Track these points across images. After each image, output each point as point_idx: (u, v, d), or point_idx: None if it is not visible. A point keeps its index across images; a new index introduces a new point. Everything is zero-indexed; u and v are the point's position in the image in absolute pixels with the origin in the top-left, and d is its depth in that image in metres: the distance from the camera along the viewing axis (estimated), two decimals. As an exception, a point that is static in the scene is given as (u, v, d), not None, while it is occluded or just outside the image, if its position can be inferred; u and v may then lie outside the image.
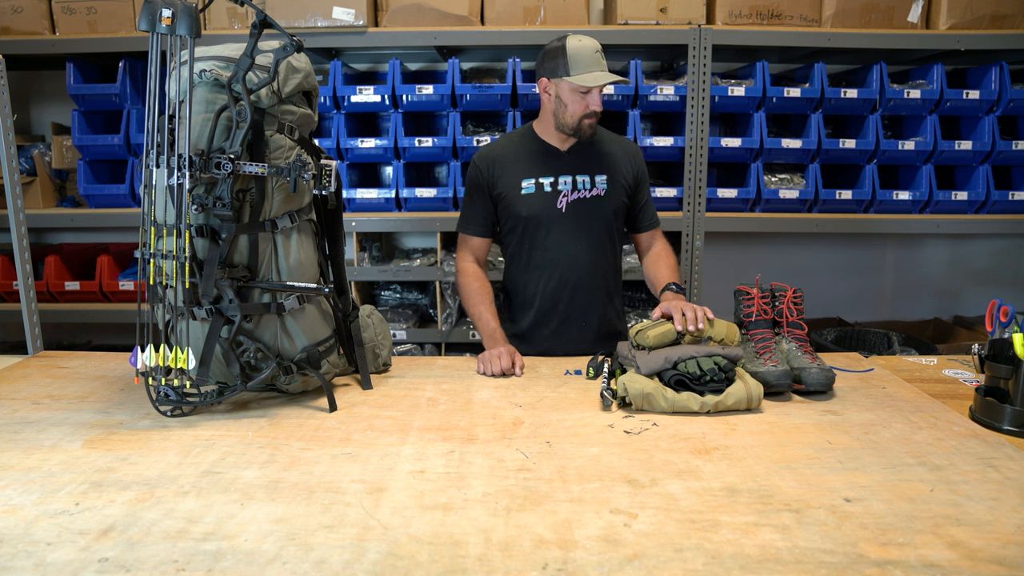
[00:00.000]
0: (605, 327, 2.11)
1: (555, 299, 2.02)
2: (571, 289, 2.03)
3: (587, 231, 2.01)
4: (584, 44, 1.89)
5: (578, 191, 1.98)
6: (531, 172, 2.00)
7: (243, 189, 1.41)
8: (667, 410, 1.46)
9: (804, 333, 1.67)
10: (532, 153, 2.02)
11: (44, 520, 1.03)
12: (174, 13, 1.33)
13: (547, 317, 2.06)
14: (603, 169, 2.01)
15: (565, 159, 2.01)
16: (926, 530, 1.01)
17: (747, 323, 1.68)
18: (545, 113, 2.00)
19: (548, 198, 1.98)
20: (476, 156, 2.06)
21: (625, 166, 2.05)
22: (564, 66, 1.88)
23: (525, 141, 2.04)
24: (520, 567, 0.92)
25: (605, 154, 2.04)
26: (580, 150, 2.02)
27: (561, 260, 2.01)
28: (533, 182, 1.99)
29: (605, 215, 2.02)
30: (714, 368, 1.49)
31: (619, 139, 2.12)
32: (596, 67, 1.89)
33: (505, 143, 2.07)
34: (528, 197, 1.99)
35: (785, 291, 1.69)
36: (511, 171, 2.01)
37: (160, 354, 1.39)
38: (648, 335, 1.59)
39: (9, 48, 2.91)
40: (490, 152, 2.05)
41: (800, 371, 1.57)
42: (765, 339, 1.64)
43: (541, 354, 1.93)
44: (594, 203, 2.00)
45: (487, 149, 2.07)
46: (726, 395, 1.46)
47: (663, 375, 1.52)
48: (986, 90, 2.98)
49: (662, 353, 1.55)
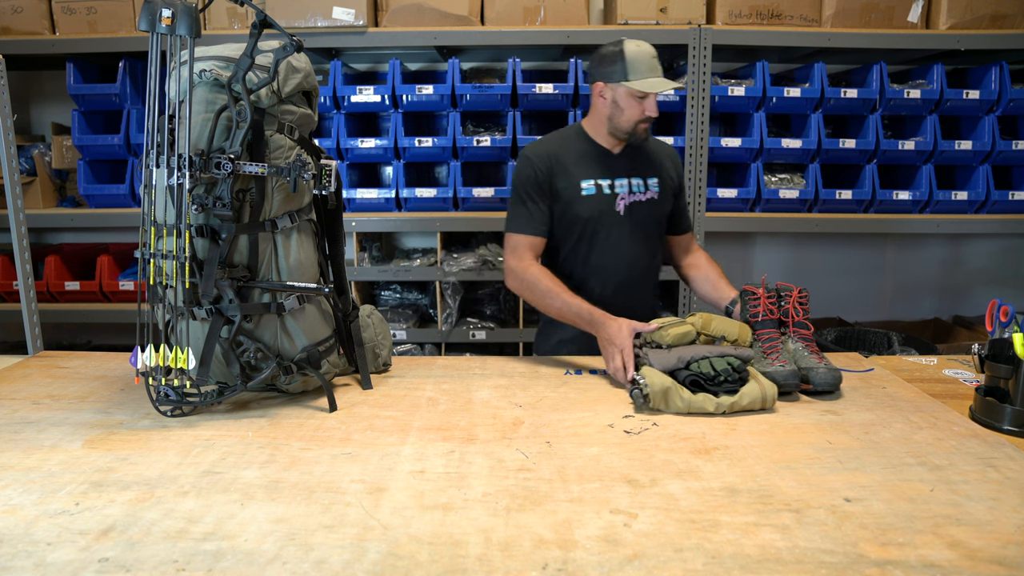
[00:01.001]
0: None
1: (612, 301, 1.93)
2: (627, 291, 2.01)
3: (643, 234, 2.00)
4: (642, 50, 1.87)
5: (634, 194, 1.97)
6: (589, 173, 1.96)
7: (243, 189, 1.41)
8: (683, 410, 1.46)
9: (810, 333, 1.67)
10: (587, 154, 1.98)
11: (44, 520, 1.03)
12: (174, 13, 1.33)
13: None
14: (653, 172, 2.01)
15: (618, 161, 1.99)
16: (926, 530, 1.01)
17: (753, 323, 1.68)
18: (598, 116, 1.96)
19: (607, 200, 1.96)
20: (530, 153, 1.97)
21: (670, 169, 2.05)
22: (622, 71, 1.86)
23: (578, 142, 1.99)
24: (520, 567, 0.92)
25: (652, 157, 2.03)
26: (630, 153, 2.00)
27: (620, 263, 1.99)
28: (593, 183, 1.95)
29: (659, 218, 2.03)
30: (728, 369, 1.49)
31: (659, 142, 2.11)
32: (653, 73, 1.88)
33: (559, 142, 2.00)
34: (589, 199, 1.95)
35: (791, 291, 1.69)
36: (570, 171, 1.95)
37: (160, 354, 1.39)
38: (667, 334, 1.60)
39: (9, 48, 2.91)
40: (545, 150, 1.97)
41: (808, 371, 1.57)
42: (772, 339, 1.64)
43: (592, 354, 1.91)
44: (649, 206, 2.00)
45: (540, 147, 1.98)
46: (741, 396, 1.46)
47: (677, 374, 1.52)
48: (986, 90, 2.98)
49: (675, 352, 1.56)
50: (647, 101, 1.89)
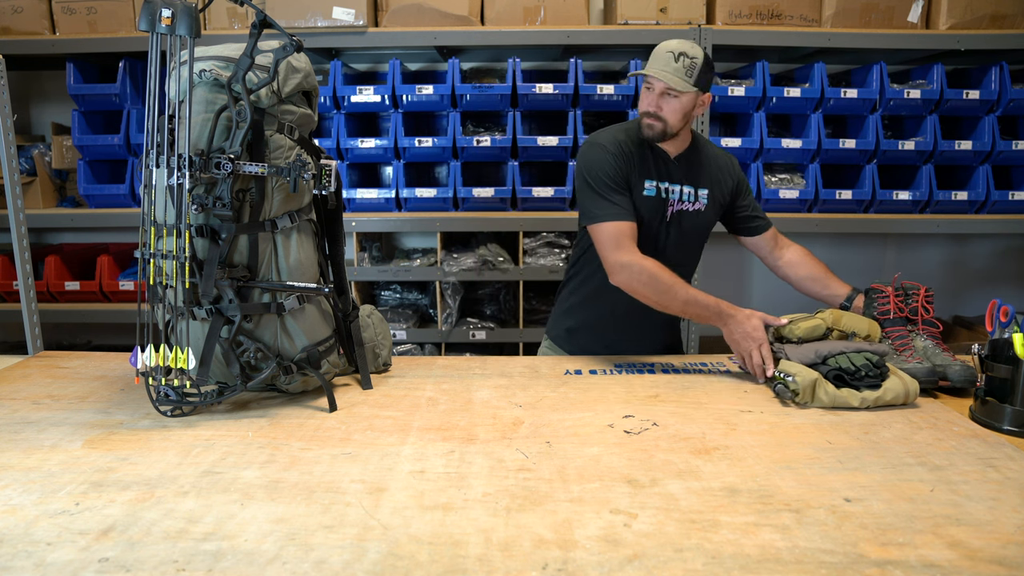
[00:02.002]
0: (672, 336, 2.10)
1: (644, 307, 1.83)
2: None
3: (686, 243, 1.95)
4: (661, 45, 1.79)
5: (683, 202, 1.90)
6: (651, 173, 1.87)
7: (243, 189, 1.41)
8: (827, 404, 1.48)
9: (938, 331, 1.71)
10: (648, 154, 1.88)
11: (44, 520, 1.03)
12: (174, 13, 1.33)
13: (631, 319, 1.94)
14: (706, 183, 1.93)
15: (675, 166, 1.89)
16: (926, 530, 1.01)
17: (882, 321, 1.70)
18: None
19: (661, 204, 1.88)
20: (605, 142, 1.86)
21: (724, 182, 1.96)
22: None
23: (641, 139, 1.88)
24: (520, 567, 0.92)
25: (709, 166, 1.94)
26: (688, 159, 1.91)
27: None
28: (654, 185, 1.87)
29: (701, 230, 1.97)
30: (867, 364, 1.50)
31: (719, 152, 2.01)
32: (657, 63, 1.77)
33: (625, 137, 1.87)
34: (647, 199, 1.86)
35: (918, 290, 1.71)
36: (638, 167, 1.87)
37: (160, 354, 1.39)
38: (797, 328, 1.60)
39: (9, 48, 2.91)
40: (613, 141, 1.86)
41: (944, 367, 1.60)
42: (902, 337, 1.67)
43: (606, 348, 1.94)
44: (694, 217, 1.92)
45: (614, 136, 1.87)
46: (884, 391, 1.48)
47: (816, 369, 1.53)
48: (986, 90, 2.98)
49: (812, 347, 1.57)
50: (647, 95, 1.80)
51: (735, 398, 1.57)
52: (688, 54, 1.75)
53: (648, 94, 1.80)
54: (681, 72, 1.74)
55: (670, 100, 1.78)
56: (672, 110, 1.78)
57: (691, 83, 1.74)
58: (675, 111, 1.78)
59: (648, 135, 1.83)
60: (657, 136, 1.82)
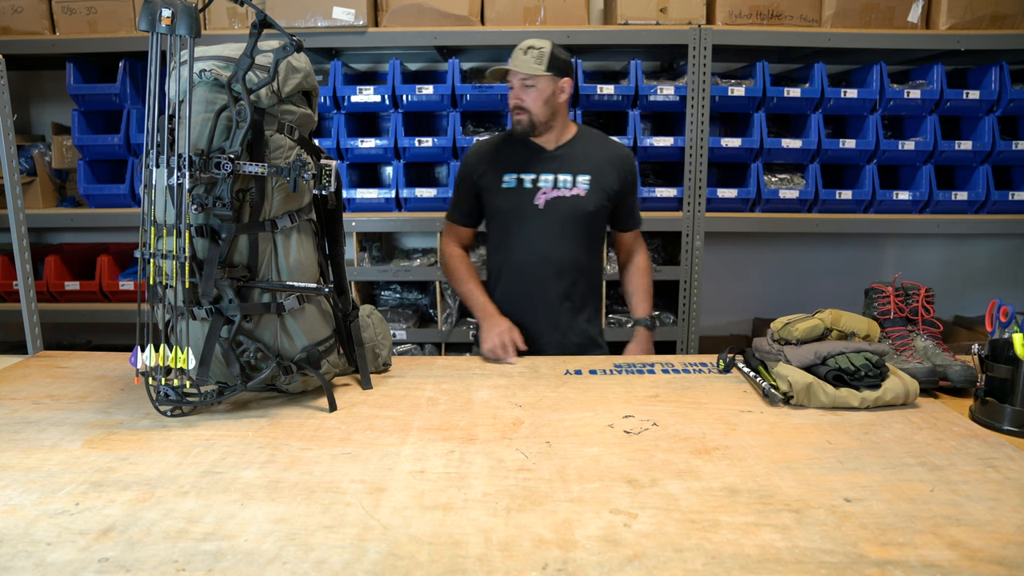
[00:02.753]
0: (574, 330, 2.10)
1: (526, 298, 2.06)
2: (541, 288, 2.05)
3: (561, 230, 2.03)
4: (520, 44, 1.97)
5: (559, 189, 2.02)
6: (514, 168, 2.05)
7: (243, 189, 1.41)
8: (827, 405, 1.48)
9: (938, 332, 1.71)
10: (519, 150, 2.06)
11: (44, 520, 1.03)
12: (174, 13, 1.33)
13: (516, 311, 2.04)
14: (587, 170, 2.04)
15: (550, 158, 2.04)
16: (926, 530, 1.01)
17: (882, 321, 1.71)
18: None
19: (527, 194, 2.02)
20: (473, 148, 2.15)
21: (610, 171, 2.06)
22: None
23: (515, 138, 2.08)
24: (520, 567, 0.92)
25: (591, 156, 2.06)
26: (566, 150, 2.06)
27: (533, 257, 2.04)
28: (515, 177, 2.04)
29: (583, 214, 2.03)
30: (867, 364, 1.50)
31: (611, 143, 2.14)
32: (510, 61, 1.97)
33: (497, 140, 2.13)
34: (507, 192, 2.04)
35: (918, 290, 1.72)
36: (496, 166, 2.06)
37: (160, 354, 1.39)
38: (795, 329, 1.61)
39: (9, 48, 2.91)
40: (480, 147, 2.13)
41: (944, 367, 1.60)
42: (902, 337, 1.67)
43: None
44: (573, 202, 2.03)
45: (479, 144, 2.15)
46: (884, 391, 1.48)
47: (815, 370, 1.54)
48: (986, 90, 2.98)
49: (811, 348, 1.57)
50: (512, 91, 1.98)
51: (735, 398, 1.57)
52: (535, 46, 1.95)
53: (511, 92, 1.99)
54: (531, 62, 1.94)
55: (529, 90, 1.96)
56: (533, 99, 1.96)
57: (543, 68, 1.93)
58: (535, 99, 1.96)
59: (518, 130, 2.02)
60: (526, 128, 2.00)
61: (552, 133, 2.04)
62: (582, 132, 2.10)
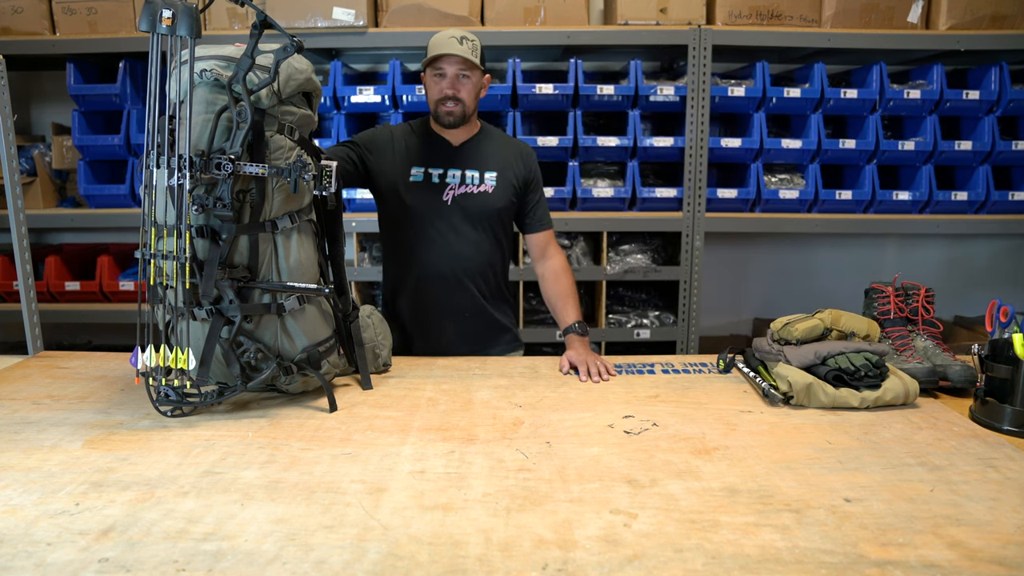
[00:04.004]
0: (487, 326, 2.05)
1: (433, 292, 1.97)
2: (450, 287, 1.97)
3: (471, 226, 1.97)
4: (442, 33, 1.89)
5: (466, 185, 1.96)
6: (422, 161, 1.96)
7: (243, 190, 1.41)
8: (827, 405, 1.48)
9: (938, 332, 1.71)
10: (426, 143, 1.98)
11: (44, 520, 1.03)
12: (174, 13, 1.33)
13: (424, 310, 2.00)
14: (493, 166, 1.98)
15: (456, 153, 1.98)
16: (926, 530, 1.01)
17: (882, 321, 1.71)
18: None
19: (435, 189, 1.95)
20: (380, 126, 2.04)
21: (516, 166, 2.01)
22: (425, 56, 1.89)
23: (422, 130, 2.00)
24: (520, 567, 0.92)
25: (497, 152, 2.01)
26: (472, 145, 1.99)
27: (441, 255, 1.96)
28: (422, 171, 1.96)
29: (489, 211, 1.98)
30: (867, 364, 1.50)
31: (514, 141, 2.09)
32: (446, 48, 1.86)
33: (405, 128, 2.02)
34: (416, 186, 1.95)
35: (918, 290, 1.72)
36: (403, 156, 1.97)
37: (160, 354, 1.39)
38: (795, 329, 1.61)
39: (9, 48, 2.91)
40: (388, 131, 2.01)
41: (944, 367, 1.60)
42: (902, 337, 1.67)
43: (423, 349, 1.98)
44: (481, 198, 1.97)
45: (387, 127, 2.03)
46: (884, 391, 1.48)
47: (815, 370, 1.54)
48: (986, 90, 2.98)
49: (811, 348, 1.57)
50: (444, 81, 1.88)
51: (735, 398, 1.57)
52: (468, 37, 1.88)
53: (440, 80, 1.89)
54: (469, 53, 1.86)
55: (465, 81, 1.88)
56: (468, 91, 1.89)
57: (478, 60, 1.88)
58: (470, 92, 1.90)
59: (449, 121, 1.92)
60: (458, 119, 1.92)
61: (462, 128, 1.97)
62: (486, 129, 2.04)
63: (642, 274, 3.09)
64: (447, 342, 2.00)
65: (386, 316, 1.99)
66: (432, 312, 2.00)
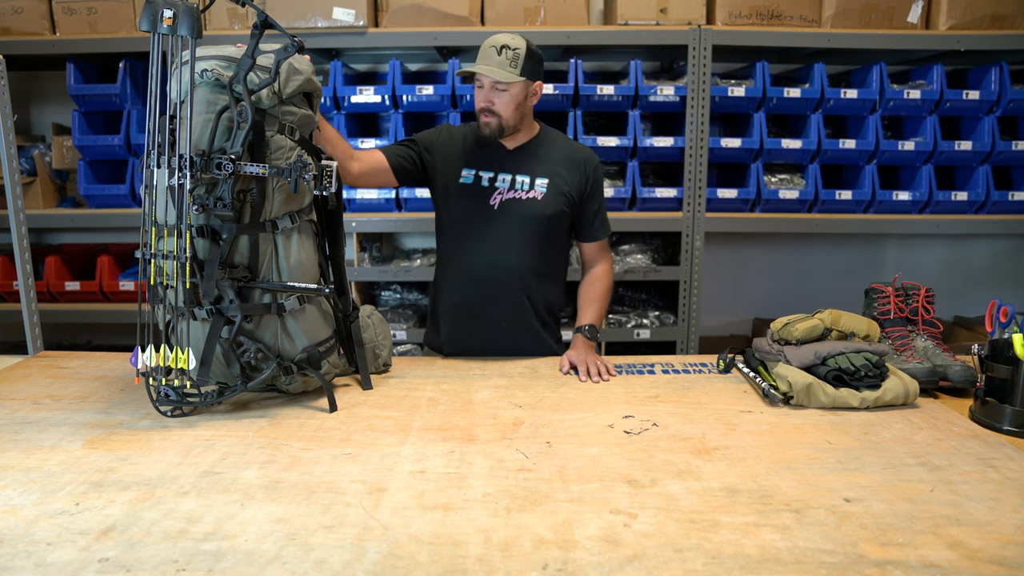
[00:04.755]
0: (527, 335, 1.98)
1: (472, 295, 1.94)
2: (491, 291, 1.93)
3: (516, 232, 1.92)
4: (487, 41, 1.84)
5: (515, 190, 1.92)
6: (474, 163, 1.94)
7: (244, 190, 1.42)
8: (826, 405, 1.48)
9: (938, 332, 1.71)
10: (481, 145, 1.95)
11: (44, 520, 1.03)
12: (175, 13, 1.33)
13: (462, 312, 1.98)
14: (546, 172, 1.94)
15: (510, 157, 1.94)
16: (926, 530, 1.01)
17: (882, 321, 1.71)
18: None
19: (483, 193, 1.92)
20: (441, 125, 2.05)
21: (570, 175, 1.95)
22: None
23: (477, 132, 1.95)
24: (520, 567, 0.92)
25: (553, 158, 1.95)
26: (527, 150, 1.95)
27: (483, 259, 1.93)
28: (473, 173, 1.93)
29: (537, 217, 1.92)
30: (867, 364, 1.51)
31: (575, 147, 2.03)
32: (480, 61, 1.82)
33: (465, 129, 2.01)
34: (465, 188, 1.93)
35: (918, 290, 1.72)
36: (457, 157, 1.95)
37: (160, 354, 1.39)
38: (795, 329, 1.61)
39: (9, 48, 2.91)
40: (450, 131, 2.01)
41: (944, 368, 1.61)
42: (902, 337, 1.67)
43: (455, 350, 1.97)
44: (528, 205, 1.92)
45: (450, 127, 2.04)
46: (884, 391, 1.48)
47: (815, 370, 1.54)
48: (986, 90, 2.98)
49: (811, 348, 1.58)
50: (479, 92, 1.85)
51: (735, 398, 1.57)
52: (510, 46, 1.81)
53: (480, 92, 1.86)
54: (505, 64, 1.80)
55: (500, 93, 1.83)
56: (504, 103, 1.84)
57: (517, 73, 1.80)
58: (507, 104, 1.84)
59: (485, 132, 1.89)
60: (495, 132, 1.88)
61: (518, 134, 1.94)
62: (545, 133, 1.99)
63: (642, 274, 3.09)
64: (479, 347, 1.95)
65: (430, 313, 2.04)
66: (469, 316, 1.97)
